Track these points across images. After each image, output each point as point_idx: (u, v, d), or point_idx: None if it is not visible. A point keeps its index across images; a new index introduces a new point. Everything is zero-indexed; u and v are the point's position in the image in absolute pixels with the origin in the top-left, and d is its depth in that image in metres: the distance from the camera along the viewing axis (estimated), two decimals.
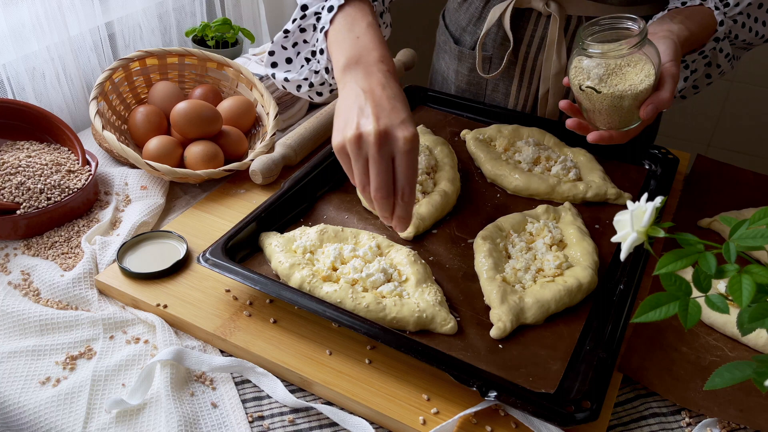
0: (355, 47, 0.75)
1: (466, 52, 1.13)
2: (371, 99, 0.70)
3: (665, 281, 0.49)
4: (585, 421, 0.62)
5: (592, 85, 0.76)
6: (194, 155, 0.95)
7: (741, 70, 1.88)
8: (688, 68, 0.92)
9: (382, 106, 0.69)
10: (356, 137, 0.68)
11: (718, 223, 0.89)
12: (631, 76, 0.75)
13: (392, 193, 0.70)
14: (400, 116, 0.69)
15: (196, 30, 1.29)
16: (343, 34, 0.77)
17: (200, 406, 0.66)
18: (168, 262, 0.79)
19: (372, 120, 0.68)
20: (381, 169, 0.69)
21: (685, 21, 0.85)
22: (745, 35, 0.91)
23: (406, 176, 0.69)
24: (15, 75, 1.05)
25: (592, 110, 0.79)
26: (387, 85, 0.71)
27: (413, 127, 0.69)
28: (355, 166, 0.70)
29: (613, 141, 0.80)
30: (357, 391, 0.67)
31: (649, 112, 0.76)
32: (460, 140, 1.05)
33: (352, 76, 0.73)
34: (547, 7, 1.00)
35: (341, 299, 0.72)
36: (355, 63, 0.74)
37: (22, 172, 0.86)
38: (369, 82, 0.72)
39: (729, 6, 0.88)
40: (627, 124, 0.79)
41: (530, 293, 0.75)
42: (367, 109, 0.69)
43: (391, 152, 0.69)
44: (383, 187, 0.69)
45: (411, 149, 0.69)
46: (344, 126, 0.70)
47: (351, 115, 0.70)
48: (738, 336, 0.74)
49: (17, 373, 0.68)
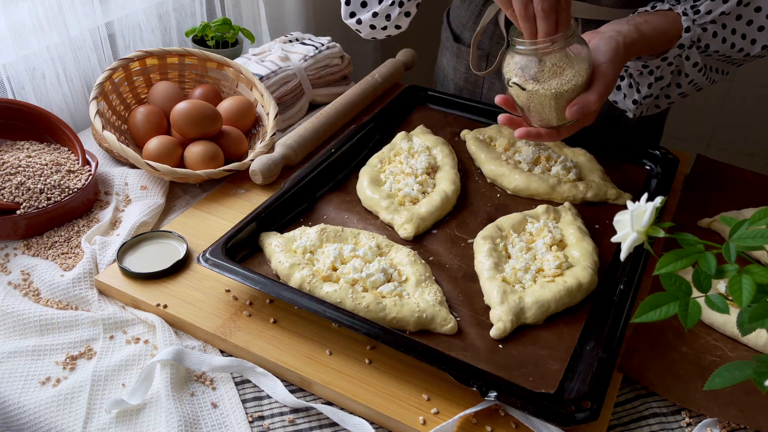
0: None
1: (464, 50, 1.14)
2: None
3: (665, 281, 0.49)
4: (585, 421, 0.62)
5: (519, 81, 0.77)
6: (194, 155, 0.95)
7: (741, 70, 1.88)
8: (652, 74, 0.91)
9: None
10: None
11: (718, 223, 0.89)
12: (560, 75, 0.76)
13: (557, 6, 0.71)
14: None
15: (196, 30, 1.29)
16: None
17: (200, 406, 0.66)
18: (168, 262, 0.79)
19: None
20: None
21: (642, 24, 0.83)
22: (719, 46, 0.88)
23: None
24: (15, 75, 1.05)
25: (522, 107, 0.81)
26: None
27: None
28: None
29: (542, 139, 0.80)
30: (357, 391, 0.67)
31: (574, 112, 0.76)
32: (460, 140, 1.05)
33: None
34: None
35: (341, 299, 0.72)
36: None
37: (22, 172, 0.86)
38: None
39: (699, 13, 0.86)
40: (558, 122, 0.80)
41: (530, 293, 0.75)
42: None
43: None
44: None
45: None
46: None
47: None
48: (738, 336, 0.74)
49: (17, 373, 0.68)
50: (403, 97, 1.13)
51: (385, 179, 0.92)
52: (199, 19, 1.38)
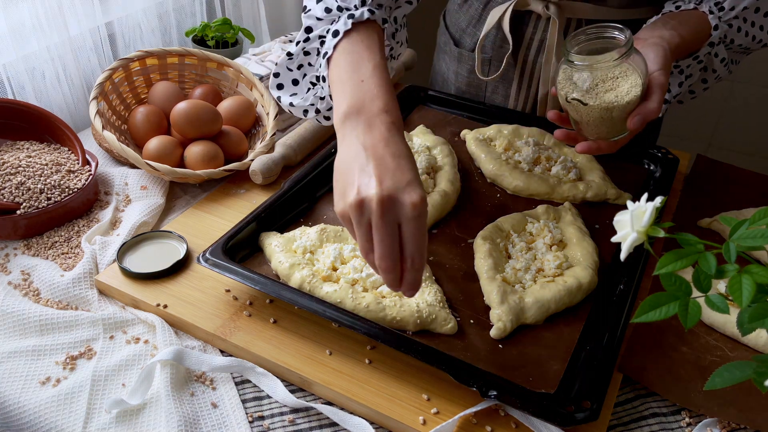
0: (357, 93, 0.67)
1: (465, 54, 1.13)
2: (373, 157, 0.62)
3: (665, 281, 0.49)
4: (585, 421, 0.62)
5: (578, 96, 0.75)
6: (194, 155, 0.95)
7: (741, 70, 1.88)
8: (682, 73, 0.91)
9: (385, 166, 0.62)
10: (358, 203, 0.61)
11: (718, 223, 0.89)
12: (617, 87, 0.75)
13: (398, 261, 0.62)
14: (406, 177, 0.61)
15: (196, 30, 1.29)
16: (347, 73, 0.69)
17: (200, 406, 0.66)
18: (168, 262, 0.79)
19: (375, 183, 0.60)
20: (386, 237, 0.61)
21: (678, 27, 0.84)
22: (742, 40, 0.90)
23: (416, 244, 0.61)
24: (15, 75, 1.05)
25: (580, 121, 0.79)
26: (391, 141, 0.63)
27: (421, 189, 0.61)
28: (357, 232, 0.62)
29: (602, 151, 0.79)
30: (357, 391, 0.67)
31: (636, 123, 0.75)
32: (460, 140, 1.05)
33: (352, 128, 0.65)
34: (547, 10, 1.00)
35: (341, 299, 0.72)
36: (356, 112, 0.66)
37: (22, 172, 0.86)
38: (371, 136, 0.64)
39: (724, 10, 0.87)
40: (615, 134, 0.79)
41: (530, 293, 0.75)
42: (369, 169, 0.61)
43: (397, 218, 0.61)
44: (388, 256, 0.61)
45: (419, 215, 0.61)
46: (344, 189, 0.63)
47: (352, 176, 0.62)
48: (738, 336, 0.74)
49: (17, 373, 0.68)
50: (403, 97, 1.13)
51: None
52: (199, 19, 1.38)
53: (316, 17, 0.76)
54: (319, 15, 0.76)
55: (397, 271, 0.62)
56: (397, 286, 0.64)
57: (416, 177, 0.63)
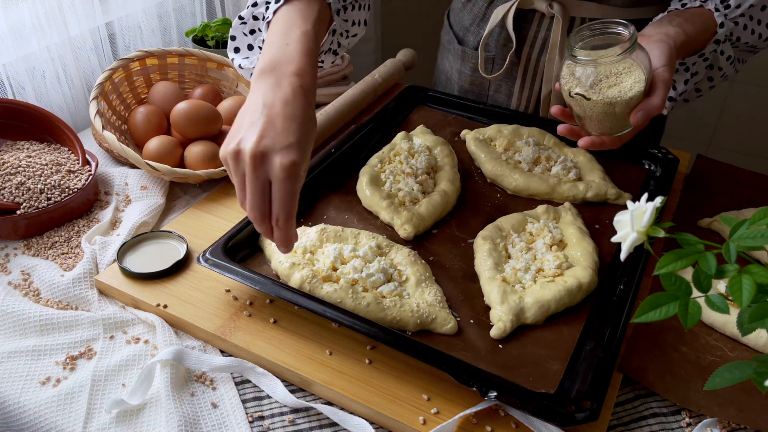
0: (278, 53, 0.69)
1: (469, 52, 1.13)
2: (267, 114, 0.65)
3: (665, 281, 0.49)
4: (585, 421, 0.62)
5: (582, 92, 0.75)
6: (194, 155, 0.95)
7: (741, 71, 1.88)
8: (688, 71, 0.92)
9: (273, 125, 0.64)
10: (235, 152, 0.64)
11: (718, 223, 0.89)
12: (621, 83, 0.75)
13: (267, 215, 0.65)
14: (288, 140, 0.64)
15: (196, 30, 1.29)
16: (277, 36, 0.72)
17: (200, 406, 0.66)
18: (168, 262, 0.79)
19: (255, 139, 0.63)
20: (255, 190, 0.64)
21: (684, 24, 0.84)
22: (748, 38, 0.90)
23: (282, 203, 0.64)
24: (15, 75, 1.05)
25: (583, 116, 0.79)
26: (291, 102, 0.66)
27: (297, 154, 0.63)
28: (234, 180, 0.66)
29: (605, 147, 0.80)
30: (357, 391, 0.67)
31: (640, 118, 0.75)
32: (460, 140, 1.05)
33: (261, 83, 0.68)
34: (550, 9, 1.00)
35: (341, 299, 0.72)
36: (270, 70, 0.68)
37: (22, 172, 0.86)
38: (273, 94, 0.66)
39: (730, 8, 0.87)
40: (619, 129, 0.79)
41: (530, 293, 0.75)
42: (258, 125, 0.64)
43: (267, 176, 0.64)
44: (256, 208, 0.65)
45: (287, 177, 0.63)
46: (232, 136, 0.66)
47: (241, 126, 0.66)
48: (738, 336, 0.74)
49: (17, 373, 0.68)
50: (403, 97, 1.13)
51: (385, 179, 0.92)
52: (199, 19, 1.38)
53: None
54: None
55: (265, 224, 0.66)
56: (270, 237, 0.67)
57: (299, 141, 0.65)
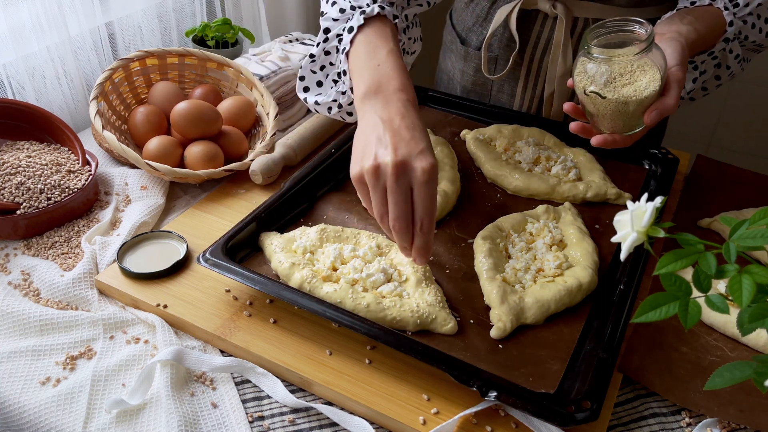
0: (375, 75, 0.74)
1: (472, 53, 1.13)
2: (390, 129, 0.69)
3: (665, 281, 0.49)
4: (585, 421, 0.62)
5: (597, 89, 0.75)
6: (194, 155, 0.95)
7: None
8: (696, 69, 0.91)
9: (400, 136, 0.68)
10: (374, 168, 0.68)
11: (718, 223, 0.89)
12: (636, 81, 0.74)
13: (411, 224, 0.69)
14: (419, 146, 0.68)
15: (196, 30, 1.29)
16: (364, 60, 0.76)
17: (200, 406, 0.66)
18: (168, 262, 0.79)
19: (390, 150, 0.67)
20: (399, 199, 0.68)
21: (694, 22, 0.84)
22: (756, 36, 0.90)
23: (425, 207, 0.68)
24: (15, 75, 1.05)
25: (596, 114, 0.79)
26: (406, 115, 0.70)
27: (432, 157, 0.68)
28: (373, 197, 0.69)
29: (617, 145, 0.80)
30: (357, 391, 0.67)
31: (654, 117, 0.75)
32: (460, 140, 1.05)
33: (371, 105, 0.72)
34: (554, 9, 1.00)
35: (341, 299, 0.72)
36: (374, 92, 0.73)
37: (22, 172, 0.86)
38: (388, 111, 0.71)
39: (739, 6, 0.87)
40: (631, 128, 0.78)
41: (530, 293, 0.75)
42: (386, 139, 0.68)
43: (409, 183, 0.68)
44: (402, 217, 0.68)
45: (429, 180, 0.67)
46: (362, 156, 0.69)
47: (369, 145, 0.69)
48: (738, 336, 0.74)
49: (17, 373, 0.68)
50: None
51: None
52: (199, 19, 1.38)
53: (332, 18, 0.83)
54: (334, 16, 0.83)
55: (409, 233, 0.70)
56: (409, 250, 0.71)
57: (428, 146, 0.69)
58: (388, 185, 0.68)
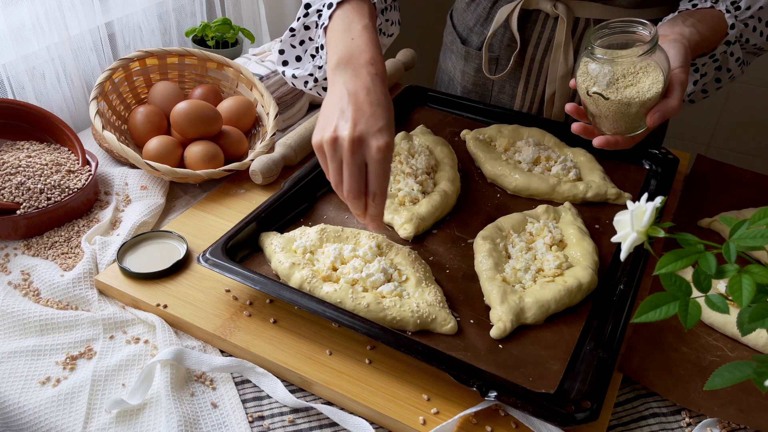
0: (348, 47, 0.76)
1: (472, 53, 1.13)
2: (354, 102, 0.71)
3: (665, 281, 0.49)
4: (585, 421, 0.62)
5: (599, 90, 0.75)
6: (194, 155, 0.95)
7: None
8: (698, 71, 0.91)
9: (362, 111, 0.71)
10: (332, 139, 0.71)
11: (718, 223, 0.89)
12: (639, 83, 0.74)
13: (363, 194, 0.72)
14: (378, 124, 0.71)
15: (196, 30, 1.29)
16: (339, 33, 0.78)
17: (200, 406, 0.66)
18: (168, 262, 0.79)
19: (350, 125, 0.70)
20: (353, 172, 0.71)
21: (697, 24, 0.84)
22: (757, 39, 0.91)
23: (378, 182, 0.71)
24: (15, 75, 1.05)
25: (598, 115, 0.78)
26: (372, 90, 0.73)
27: (389, 135, 0.71)
28: (330, 166, 0.72)
29: (619, 146, 0.80)
30: (357, 391, 0.67)
31: (656, 119, 0.75)
32: (460, 140, 1.05)
33: (340, 76, 0.74)
34: (555, 9, 1.00)
35: (341, 299, 0.72)
36: (345, 63, 0.75)
37: (22, 172, 0.86)
38: (355, 83, 0.73)
39: (740, 9, 0.87)
40: (633, 129, 0.78)
41: (530, 293, 0.75)
42: (348, 113, 0.71)
43: (364, 158, 0.71)
44: (354, 189, 0.72)
45: (383, 158, 0.70)
46: (324, 125, 0.72)
47: (332, 115, 0.72)
48: (738, 336, 0.74)
49: (17, 373, 0.68)
50: (403, 97, 1.12)
51: None
52: (199, 19, 1.38)
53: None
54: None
55: (361, 203, 0.73)
56: (363, 216, 0.75)
57: (387, 125, 0.72)
58: (343, 158, 0.70)
